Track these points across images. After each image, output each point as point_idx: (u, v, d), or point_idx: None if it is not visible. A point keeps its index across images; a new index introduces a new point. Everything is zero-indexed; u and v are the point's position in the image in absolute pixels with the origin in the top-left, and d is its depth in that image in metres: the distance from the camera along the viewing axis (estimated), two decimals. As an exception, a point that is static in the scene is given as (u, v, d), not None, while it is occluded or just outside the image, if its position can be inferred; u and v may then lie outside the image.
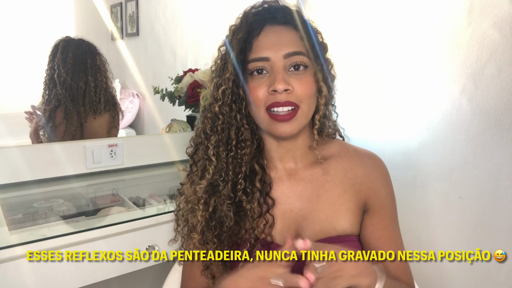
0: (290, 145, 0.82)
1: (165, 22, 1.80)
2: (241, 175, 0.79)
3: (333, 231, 0.80)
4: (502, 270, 1.17)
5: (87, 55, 1.46)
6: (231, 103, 0.78)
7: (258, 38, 0.75)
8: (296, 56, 0.75)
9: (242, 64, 0.76)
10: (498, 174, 1.16)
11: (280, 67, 0.74)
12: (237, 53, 0.76)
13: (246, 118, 0.79)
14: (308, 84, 0.75)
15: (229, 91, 0.78)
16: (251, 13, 0.78)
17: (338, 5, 1.52)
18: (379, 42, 1.41)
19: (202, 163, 0.82)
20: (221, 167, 0.80)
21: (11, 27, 1.50)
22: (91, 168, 1.38)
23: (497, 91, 1.14)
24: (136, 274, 1.09)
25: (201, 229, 0.81)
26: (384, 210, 0.84)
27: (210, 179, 0.80)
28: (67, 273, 0.96)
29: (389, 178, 0.87)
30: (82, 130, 1.45)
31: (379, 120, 1.45)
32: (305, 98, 0.75)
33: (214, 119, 0.80)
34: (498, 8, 1.11)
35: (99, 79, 1.47)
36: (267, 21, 0.76)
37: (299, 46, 0.76)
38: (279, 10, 0.78)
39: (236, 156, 0.80)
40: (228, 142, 0.80)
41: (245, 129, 0.79)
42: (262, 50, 0.74)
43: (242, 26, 0.77)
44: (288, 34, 0.76)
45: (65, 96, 1.41)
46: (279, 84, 0.72)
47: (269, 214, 0.81)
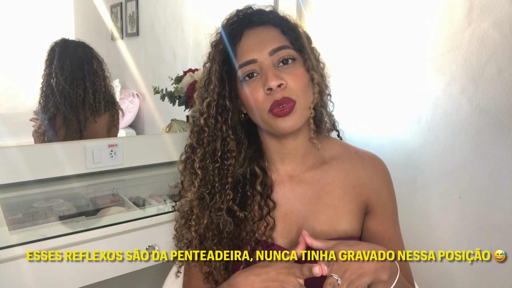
0: (291, 144, 0.81)
1: (165, 22, 1.80)
2: (228, 185, 0.79)
3: (334, 233, 0.80)
4: (502, 270, 1.17)
5: (83, 61, 1.44)
6: (217, 115, 0.78)
7: (240, 44, 0.76)
8: (281, 50, 0.74)
9: (228, 74, 0.77)
10: (498, 174, 1.16)
11: (269, 65, 0.74)
12: (220, 64, 0.77)
13: (232, 129, 0.79)
14: (300, 76, 0.75)
15: (214, 103, 0.78)
16: (228, 24, 0.79)
17: (338, 5, 1.52)
18: (379, 42, 1.41)
19: (189, 178, 0.82)
20: (207, 179, 0.80)
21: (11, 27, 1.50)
22: (91, 168, 1.38)
23: (497, 91, 1.14)
24: (136, 274, 1.09)
25: (197, 243, 0.82)
26: (385, 212, 0.84)
27: (196, 192, 0.80)
28: (67, 273, 0.96)
29: (391, 179, 0.87)
30: (81, 135, 1.44)
31: (379, 120, 1.45)
32: (300, 91, 0.75)
33: (200, 132, 0.80)
34: (498, 8, 1.11)
35: (97, 84, 1.46)
36: (245, 26, 0.77)
37: (282, 40, 0.76)
38: (254, 14, 0.79)
39: (222, 167, 0.79)
40: (214, 153, 0.80)
41: (230, 139, 0.79)
42: (247, 54, 0.75)
43: (221, 37, 0.78)
44: (268, 32, 0.76)
45: (64, 104, 1.40)
46: (271, 81, 0.72)
47: (269, 216, 0.80)
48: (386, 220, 0.84)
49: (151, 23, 1.78)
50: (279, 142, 0.81)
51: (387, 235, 0.83)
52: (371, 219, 0.84)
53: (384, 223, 0.83)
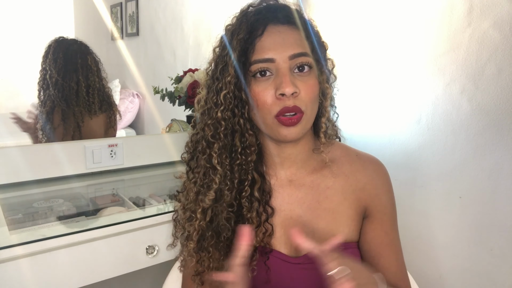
0: (291, 149, 0.80)
1: (165, 22, 1.80)
2: (247, 182, 0.77)
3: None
4: (502, 270, 1.17)
5: (77, 54, 1.45)
6: (234, 108, 0.74)
7: (261, 39, 0.72)
8: (301, 57, 0.72)
9: (243, 66, 0.72)
10: (498, 174, 1.16)
11: (286, 69, 0.71)
12: (238, 54, 0.72)
13: (250, 122, 0.76)
14: (312, 87, 0.73)
15: (231, 94, 0.74)
16: (251, 12, 0.75)
17: (338, 5, 1.52)
18: (379, 42, 1.41)
19: (205, 172, 0.79)
20: (225, 175, 0.77)
21: (11, 27, 1.50)
22: (91, 168, 1.38)
23: (497, 91, 1.14)
24: (136, 274, 1.09)
25: (196, 238, 0.80)
26: (384, 216, 0.83)
27: (217, 189, 0.77)
28: (67, 273, 0.96)
29: (391, 184, 0.86)
30: (80, 131, 1.44)
31: (379, 120, 1.45)
32: (309, 103, 0.72)
33: (216, 125, 0.76)
34: (498, 8, 1.11)
35: (91, 79, 1.46)
36: (269, 21, 0.73)
37: (304, 46, 0.73)
38: (280, 9, 0.75)
39: (242, 163, 0.77)
40: (232, 149, 0.77)
41: (249, 135, 0.76)
42: (266, 51, 0.71)
43: (242, 26, 0.73)
44: (292, 34, 0.73)
45: (58, 97, 1.40)
46: (287, 87, 0.69)
47: (268, 223, 0.79)
48: (385, 225, 0.82)
49: (151, 23, 1.78)
50: (278, 145, 0.79)
51: (384, 240, 0.82)
52: (369, 224, 0.82)
53: (382, 228, 0.82)
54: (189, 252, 0.82)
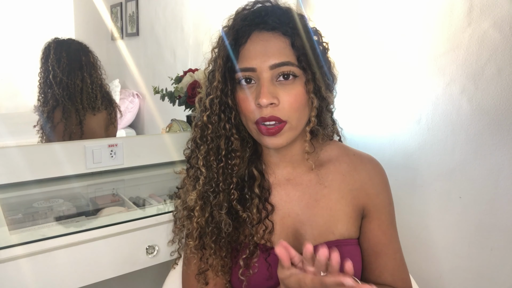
0: (285, 152, 0.81)
1: (165, 22, 1.80)
2: (232, 185, 0.78)
3: (331, 236, 0.80)
4: (502, 270, 1.17)
5: (80, 52, 1.46)
6: (220, 113, 0.76)
7: (244, 47, 0.72)
8: (283, 66, 0.71)
9: (229, 71, 0.74)
10: (498, 174, 1.16)
11: (266, 79, 0.70)
12: (224, 60, 0.74)
13: (236, 127, 0.77)
14: (296, 96, 0.71)
15: (217, 100, 0.75)
16: (240, 17, 0.75)
17: (338, 5, 1.52)
18: (379, 42, 1.41)
19: (194, 172, 0.81)
20: (211, 177, 0.78)
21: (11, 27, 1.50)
22: (91, 168, 1.38)
23: (497, 91, 1.14)
24: (136, 274, 1.09)
25: (197, 235, 0.80)
26: (382, 216, 0.83)
27: (201, 190, 0.79)
28: (67, 273, 0.96)
29: (388, 183, 0.86)
30: (81, 128, 1.45)
31: (379, 120, 1.45)
32: (293, 112, 0.71)
33: (204, 129, 0.78)
34: (498, 8, 1.11)
35: (94, 76, 1.47)
36: (254, 28, 0.72)
37: (288, 55, 0.71)
38: (270, 13, 0.73)
39: (226, 167, 0.78)
40: (218, 152, 0.78)
41: (235, 139, 0.77)
42: (248, 60, 0.71)
43: (230, 31, 0.74)
44: (276, 42, 0.71)
45: (62, 95, 1.41)
46: (263, 98, 0.69)
47: (268, 220, 0.80)
48: (383, 224, 0.83)
49: (151, 23, 1.78)
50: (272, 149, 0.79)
51: (383, 239, 0.83)
52: (367, 223, 0.83)
53: (380, 227, 0.83)
54: (190, 250, 0.82)
